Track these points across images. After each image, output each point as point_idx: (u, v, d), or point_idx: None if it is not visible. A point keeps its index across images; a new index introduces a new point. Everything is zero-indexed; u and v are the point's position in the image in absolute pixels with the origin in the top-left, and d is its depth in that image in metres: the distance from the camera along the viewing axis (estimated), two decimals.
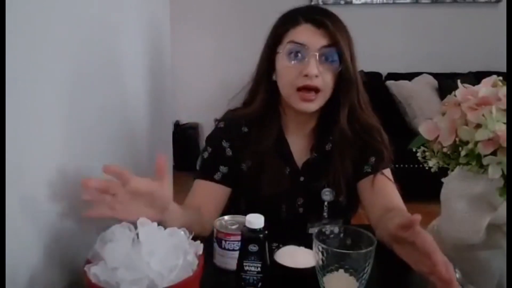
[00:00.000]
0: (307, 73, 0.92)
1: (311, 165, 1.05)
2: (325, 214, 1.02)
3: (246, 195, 1.05)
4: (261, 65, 1.03)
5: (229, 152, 1.04)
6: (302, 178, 1.05)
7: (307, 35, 0.94)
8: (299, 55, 0.94)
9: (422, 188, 1.85)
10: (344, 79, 0.96)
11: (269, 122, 1.03)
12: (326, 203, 1.02)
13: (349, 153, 1.02)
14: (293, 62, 0.95)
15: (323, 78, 0.94)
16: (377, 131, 1.04)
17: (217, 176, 1.02)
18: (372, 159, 1.03)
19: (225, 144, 1.04)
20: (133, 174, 0.69)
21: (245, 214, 0.75)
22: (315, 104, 0.96)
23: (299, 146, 1.06)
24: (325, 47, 0.94)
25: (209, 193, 1.01)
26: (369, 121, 1.02)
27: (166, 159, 0.73)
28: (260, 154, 1.02)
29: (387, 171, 1.03)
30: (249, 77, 1.05)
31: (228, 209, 1.07)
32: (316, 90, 0.95)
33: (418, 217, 0.64)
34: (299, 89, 0.95)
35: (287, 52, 0.95)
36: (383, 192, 1.00)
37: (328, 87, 0.96)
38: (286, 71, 0.96)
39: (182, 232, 0.69)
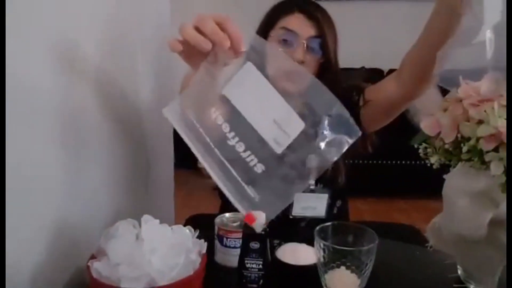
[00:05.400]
0: (294, 58, 0.99)
1: None
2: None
3: None
4: None
5: None
6: None
7: (299, 24, 1.02)
8: (289, 41, 1.02)
9: (424, 185, 1.85)
10: (325, 69, 1.04)
11: None
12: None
13: None
14: (282, 47, 1.02)
15: (307, 66, 1.01)
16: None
17: None
18: (355, 97, 1.08)
19: None
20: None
21: None
22: None
23: None
24: (313, 37, 1.02)
25: None
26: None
27: None
28: None
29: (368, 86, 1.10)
30: None
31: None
32: None
33: None
34: None
35: (277, 37, 1.02)
36: (381, 87, 1.09)
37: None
38: None
39: (187, 230, 0.69)
